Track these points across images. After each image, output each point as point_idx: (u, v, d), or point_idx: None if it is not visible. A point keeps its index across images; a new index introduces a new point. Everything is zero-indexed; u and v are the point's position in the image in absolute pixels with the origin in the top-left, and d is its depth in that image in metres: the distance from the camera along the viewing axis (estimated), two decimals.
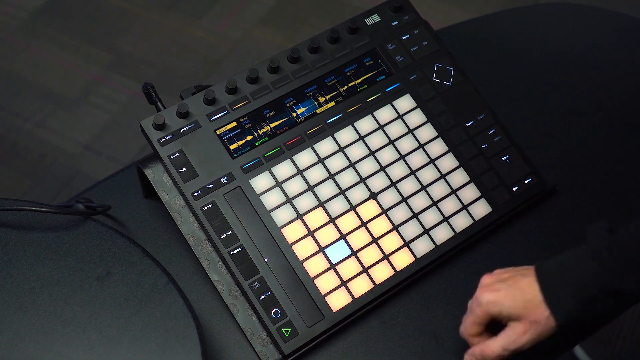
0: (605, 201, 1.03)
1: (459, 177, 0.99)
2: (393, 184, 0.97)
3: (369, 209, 0.95)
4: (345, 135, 0.98)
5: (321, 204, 0.95)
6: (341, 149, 0.98)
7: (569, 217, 1.01)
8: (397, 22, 1.05)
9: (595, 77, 1.16)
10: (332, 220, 0.94)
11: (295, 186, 0.95)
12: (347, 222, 0.94)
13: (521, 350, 0.81)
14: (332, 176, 0.96)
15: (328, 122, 0.98)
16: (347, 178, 0.96)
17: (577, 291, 0.78)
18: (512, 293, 0.81)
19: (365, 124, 0.99)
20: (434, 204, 0.97)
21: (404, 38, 1.04)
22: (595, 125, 1.10)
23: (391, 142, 0.99)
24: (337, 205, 0.95)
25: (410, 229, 0.95)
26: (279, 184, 0.94)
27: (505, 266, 0.92)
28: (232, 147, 0.95)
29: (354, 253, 0.93)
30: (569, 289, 0.78)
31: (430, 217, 0.96)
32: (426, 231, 0.96)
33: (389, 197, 0.96)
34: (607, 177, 1.05)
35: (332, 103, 1.00)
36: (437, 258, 0.95)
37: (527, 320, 0.80)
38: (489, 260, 0.98)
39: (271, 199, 0.94)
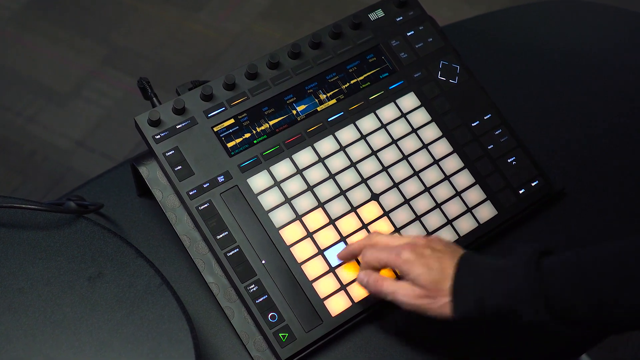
0: (614, 205, 1.03)
1: (464, 178, 0.99)
2: (395, 185, 0.97)
3: (370, 211, 0.96)
4: (347, 134, 0.98)
5: (321, 204, 0.95)
6: (342, 148, 0.98)
7: (577, 221, 1.02)
8: (401, 18, 1.05)
9: (606, 76, 1.16)
10: (332, 221, 0.94)
11: (294, 186, 0.95)
12: (348, 223, 0.94)
13: (403, 307, 0.84)
14: (332, 176, 0.96)
15: (329, 120, 0.98)
16: (348, 178, 0.97)
17: (484, 299, 0.79)
18: (431, 264, 0.83)
19: (367, 123, 0.99)
20: (438, 206, 0.97)
21: (408, 34, 1.04)
22: (605, 126, 1.10)
23: (394, 141, 0.99)
24: (338, 206, 0.95)
25: (413, 232, 0.95)
26: (277, 184, 0.95)
27: None
28: (230, 145, 0.95)
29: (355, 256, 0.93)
30: (479, 290, 0.80)
31: (433, 220, 0.96)
32: (429, 234, 0.96)
33: (391, 199, 0.96)
34: (616, 180, 1.05)
35: (334, 100, 1.00)
36: None
37: (428, 293, 0.82)
38: None
39: (269, 199, 0.94)
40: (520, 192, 1.00)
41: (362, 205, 0.96)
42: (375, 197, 0.96)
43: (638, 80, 1.16)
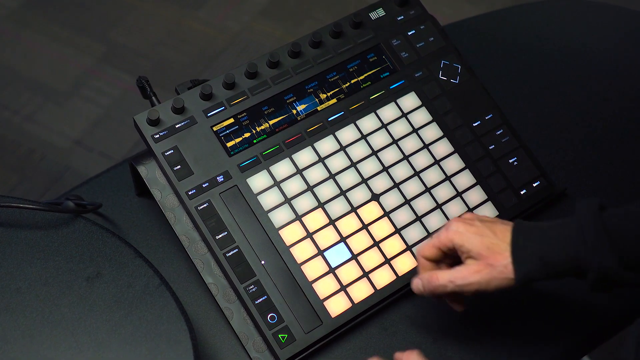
0: (616, 205, 1.03)
1: (465, 179, 0.99)
2: (396, 185, 0.97)
3: (370, 211, 0.96)
4: (347, 133, 0.98)
5: (321, 205, 0.95)
6: (342, 148, 0.98)
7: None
8: (402, 17, 1.05)
9: (608, 76, 1.16)
10: (332, 222, 0.94)
11: (294, 186, 0.95)
12: (348, 224, 0.94)
13: (466, 290, 0.81)
14: (332, 176, 0.96)
15: (329, 119, 0.98)
16: (348, 178, 0.97)
17: (546, 254, 0.78)
18: (482, 231, 0.81)
19: (367, 123, 0.99)
20: (439, 206, 0.97)
21: (409, 33, 1.04)
22: (607, 126, 1.10)
23: (394, 141, 0.99)
24: (338, 207, 0.95)
25: (414, 233, 0.95)
26: (277, 184, 0.95)
27: None
28: (229, 144, 0.95)
29: (355, 256, 0.93)
30: (539, 248, 0.79)
31: (434, 221, 0.96)
32: (430, 234, 0.96)
33: (391, 199, 0.97)
34: (619, 181, 1.05)
35: (334, 100, 1.00)
36: None
37: (485, 261, 0.80)
38: None
39: (269, 199, 0.94)
40: (522, 192, 1.00)
41: (362, 205, 0.96)
42: (375, 197, 0.96)
43: None
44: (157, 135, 0.94)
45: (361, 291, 0.92)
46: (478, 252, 0.81)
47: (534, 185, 1.00)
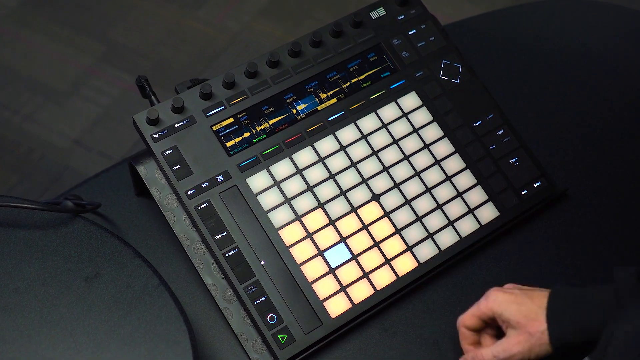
0: (618, 206, 1.03)
1: (466, 179, 0.99)
2: (396, 185, 0.97)
3: (370, 211, 0.96)
4: (347, 133, 0.98)
5: (321, 205, 0.95)
6: (342, 148, 0.98)
7: (580, 223, 1.02)
8: (403, 16, 1.05)
9: (610, 76, 1.16)
10: (332, 222, 0.94)
11: (294, 186, 0.95)
12: (348, 224, 0.94)
13: None
14: (332, 176, 0.96)
15: (329, 119, 0.98)
16: (348, 178, 0.96)
17: (580, 318, 0.79)
18: (520, 299, 0.83)
19: (368, 122, 0.99)
20: (439, 207, 0.97)
21: (410, 33, 1.04)
22: (609, 126, 1.10)
23: (395, 141, 0.99)
24: (338, 207, 0.95)
25: (414, 233, 0.95)
26: (277, 184, 0.95)
27: (512, 273, 0.93)
28: (229, 144, 0.95)
29: (355, 257, 0.93)
30: (574, 312, 0.80)
31: (434, 221, 0.96)
32: (430, 235, 0.96)
33: (391, 199, 0.96)
34: (620, 182, 1.05)
35: (334, 100, 1.00)
36: (441, 264, 0.95)
37: (524, 330, 0.82)
38: (495, 267, 0.98)
39: (269, 199, 0.94)
40: (523, 193, 1.00)
41: (362, 205, 0.95)
42: (375, 197, 0.96)
43: None
44: (157, 135, 0.94)
45: (361, 292, 0.92)
46: (516, 320, 0.82)
47: (535, 185, 1.00)
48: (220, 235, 0.91)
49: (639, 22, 1.24)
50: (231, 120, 0.96)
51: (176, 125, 0.94)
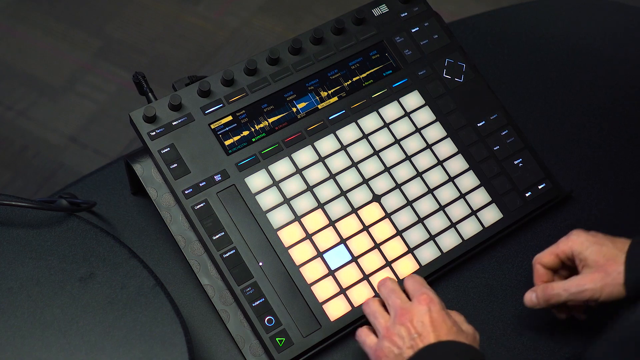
0: (623, 209, 1.03)
1: (469, 180, 0.99)
2: (398, 186, 0.97)
3: (371, 212, 0.96)
4: (348, 132, 0.98)
5: (321, 205, 0.95)
6: (343, 148, 0.98)
7: (585, 226, 1.01)
8: (406, 14, 1.05)
9: (617, 75, 1.16)
10: (332, 223, 0.94)
11: (293, 186, 0.95)
12: (348, 225, 0.94)
13: (579, 298, 0.84)
14: (333, 176, 0.96)
15: (330, 118, 0.98)
16: (349, 179, 0.96)
17: None
18: (602, 241, 0.85)
19: (369, 122, 0.99)
20: (441, 208, 0.97)
21: (413, 31, 1.04)
22: (615, 127, 1.10)
23: (397, 141, 0.99)
24: (338, 208, 0.95)
25: (415, 235, 0.95)
26: (276, 184, 0.95)
27: (516, 276, 0.92)
28: (227, 142, 0.95)
29: (355, 259, 0.93)
30: None
31: (436, 223, 0.96)
32: (432, 237, 0.96)
33: (393, 200, 0.96)
34: (626, 184, 1.05)
35: (335, 98, 1.00)
36: (443, 266, 0.95)
37: (601, 269, 0.84)
38: (498, 269, 0.98)
39: (267, 199, 0.94)
40: (527, 195, 1.00)
41: (363, 206, 0.96)
42: (376, 198, 0.96)
43: None
44: (154, 133, 0.94)
45: (361, 294, 0.92)
46: (595, 259, 0.84)
47: (540, 187, 1.00)
48: (217, 236, 0.91)
49: None
50: (230, 118, 0.96)
51: (173, 123, 0.94)
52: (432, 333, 0.81)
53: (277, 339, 0.89)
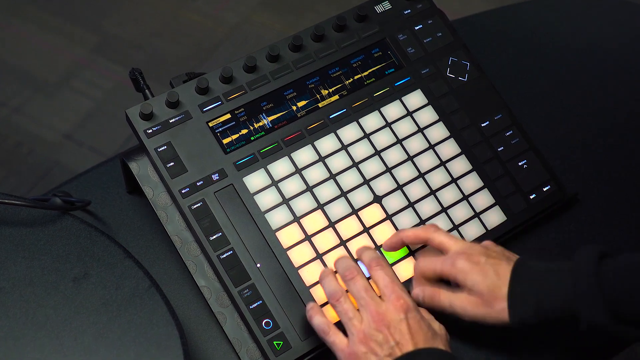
0: (629, 211, 1.03)
1: (472, 181, 0.99)
2: (399, 187, 0.97)
3: (372, 214, 0.95)
4: (349, 132, 0.98)
5: (320, 206, 0.95)
6: (344, 147, 0.98)
7: (590, 229, 1.01)
8: (409, 11, 1.05)
9: (625, 75, 1.16)
10: (331, 224, 0.94)
11: (292, 186, 0.95)
12: (348, 227, 0.94)
13: (464, 318, 0.87)
14: (333, 176, 0.96)
15: (331, 117, 0.98)
16: (349, 179, 0.96)
17: (541, 301, 0.83)
18: (486, 271, 0.85)
19: (371, 121, 0.99)
20: (444, 210, 0.97)
21: (416, 28, 1.04)
22: (622, 129, 1.10)
23: (399, 141, 0.99)
24: (338, 209, 0.95)
25: None
26: (275, 183, 0.95)
27: None
28: (225, 141, 0.95)
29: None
30: (535, 294, 0.83)
31: (439, 225, 0.96)
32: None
33: (394, 202, 0.96)
34: (633, 186, 1.05)
35: (336, 97, 1.00)
36: None
37: (485, 301, 0.85)
38: None
39: (266, 199, 0.94)
40: (531, 197, 1.00)
41: (363, 207, 0.95)
42: (377, 199, 0.96)
43: None
44: (150, 130, 0.94)
45: None
46: (479, 290, 0.85)
47: (544, 189, 1.00)
48: (214, 236, 0.91)
49: None
50: (228, 116, 0.96)
51: (171, 121, 0.94)
52: (410, 341, 0.82)
53: (274, 342, 0.89)
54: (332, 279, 0.88)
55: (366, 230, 0.95)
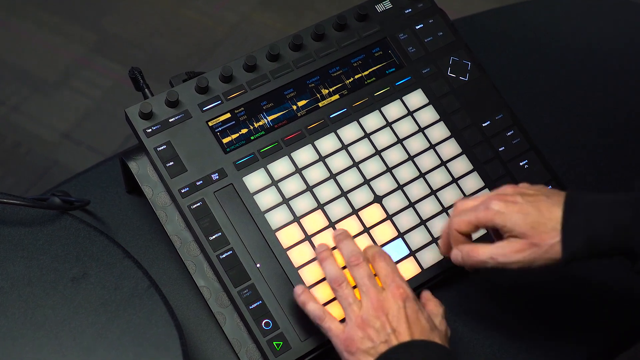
0: None
1: (473, 182, 0.99)
2: (400, 187, 0.97)
3: (372, 214, 0.95)
4: (350, 131, 0.98)
5: (320, 206, 0.95)
6: (344, 147, 0.98)
7: None
8: (410, 10, 1.05)
9: (624, 76, 1.16)
10: (332, 224, 0.94)
11: (292, 186, 0.95)
12: (349, 227, 0.94)
13: (508, 268, 0.82)
14: (333, 176, 0.96)
15: (331, 116, 0.98)
16: (349, 179, 0.96)
17: (595, 232, 0.79)
18: (526, 209, 0.82)
19: (371, 121, 0.99)
20: (444, 210, 0.97)
21: (417, 28, 1.04)
22: (622, 129, 1.10)
23: (399, 141, 0.99)
24: (338, 209, 0.95)
25: (417, 237, 0.95)
26: (274, 183, 0.94)
27: (520, 278, 0.92)
28: (225, 140, 0.95)
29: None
30: (586, 229, 0.79)
31: (439, 225, 0.96)
32: (434, 240, 0.96)
33: (395, 201, 0.96)
34: (633, 186, 1.05)
35: (336, 96, 1.00)
36: (445, 270, 0.95)
37: (529, 240, 0.81)
38: (501, 274, 0.97)
39: (266, 199, 0.94)
40: None
41: (364, 207, 0.95)
42: (378, 199, 0.96)
43: None
44: (150, 130, 0.93)
45: None
46: (522, 231, 0.81)
47: None
48: (214, 236, 0.91)
49: None
50: (228, 115, 0.96)
51: (170, 120, 0.94)
52: (407, 331, 0.81)
53: (274, 342, 0.89)
54: (333, 262, 0.88)
55: (366, 230, 0.95)
